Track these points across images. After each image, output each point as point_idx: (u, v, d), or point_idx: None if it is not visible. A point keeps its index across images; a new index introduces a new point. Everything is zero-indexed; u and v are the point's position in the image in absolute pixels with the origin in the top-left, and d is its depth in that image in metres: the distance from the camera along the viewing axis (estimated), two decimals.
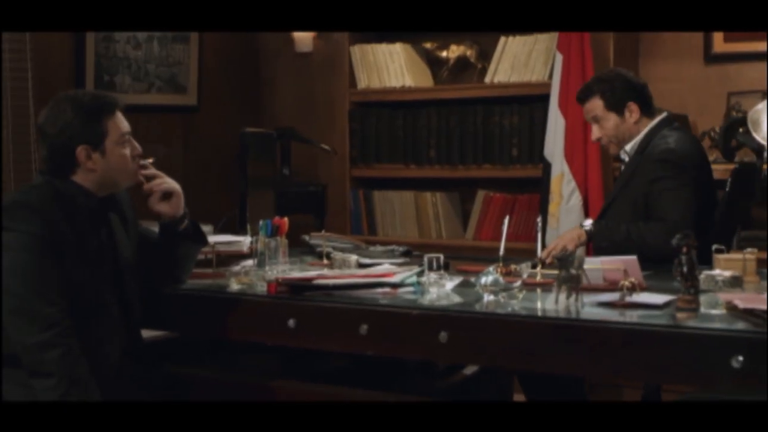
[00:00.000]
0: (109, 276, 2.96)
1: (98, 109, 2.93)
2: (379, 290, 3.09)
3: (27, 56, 4.98)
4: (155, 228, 3.24)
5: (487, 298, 2.85)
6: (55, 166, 2.93)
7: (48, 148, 2.93)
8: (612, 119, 3.87)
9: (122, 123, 2.98)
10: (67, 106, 2.91)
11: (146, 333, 3.24)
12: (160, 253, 3.18)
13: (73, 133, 2.89)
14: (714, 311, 2.69)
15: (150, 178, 3.10)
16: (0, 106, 4.73)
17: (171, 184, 3.13)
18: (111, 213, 3.02)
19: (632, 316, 2.68)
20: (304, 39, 6.01)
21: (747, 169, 4.16)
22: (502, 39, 5.32)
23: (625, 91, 3.87)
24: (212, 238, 3.50)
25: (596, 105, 3.89)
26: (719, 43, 5.06)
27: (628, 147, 3.88)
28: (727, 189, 4.03)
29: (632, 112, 3.85)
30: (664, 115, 3.90)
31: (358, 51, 5.69)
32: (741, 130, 4.47)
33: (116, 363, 2.93)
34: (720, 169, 4.28)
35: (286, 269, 3.39)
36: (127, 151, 2.98)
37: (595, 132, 3.93)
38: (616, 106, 3.86)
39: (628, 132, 3.87)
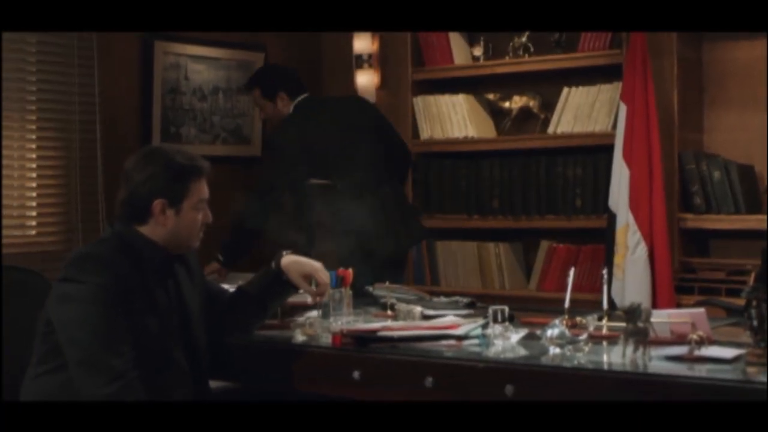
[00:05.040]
0: (177, 328, 2.99)
1: (187, 170, 2.98)
2: (444, 342, 3.08)
3: (96, 108, 5.08)
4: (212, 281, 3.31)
5: (553, 350, 2.83)
6: (129, 212, 2.97)
7: (129, 192, 2.97)
8: (269, 106, 4.82)
9: (204, 189, 3.03)
10: (160, 159, 2.98)
11: (213, 384, 3.26)
12: (249, 301, 3.28)
13: (156, 184, 2.94)
14: None
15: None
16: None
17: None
18: (177, 265, 3.06)
19: (701, 371, 2.65)
20: (366, 90, 6.04)
21: None
22: (565, 90, 5.32)
23: (278, 83, 4.79)
24: None
25: (257, 94, 4.85)
26: None
27: None
28: None
29: (283, 99, 4.77)
30: (302, 97, 4.77)
31: (420, 102, 5.72)
32: None
33: None
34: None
35: (351, 320, 3.40)
36: (200, 217, 3.02)
37: (260, 114, 5.05)
38: (270, 95, 4.78)
39: (282, 114, 4.78)
